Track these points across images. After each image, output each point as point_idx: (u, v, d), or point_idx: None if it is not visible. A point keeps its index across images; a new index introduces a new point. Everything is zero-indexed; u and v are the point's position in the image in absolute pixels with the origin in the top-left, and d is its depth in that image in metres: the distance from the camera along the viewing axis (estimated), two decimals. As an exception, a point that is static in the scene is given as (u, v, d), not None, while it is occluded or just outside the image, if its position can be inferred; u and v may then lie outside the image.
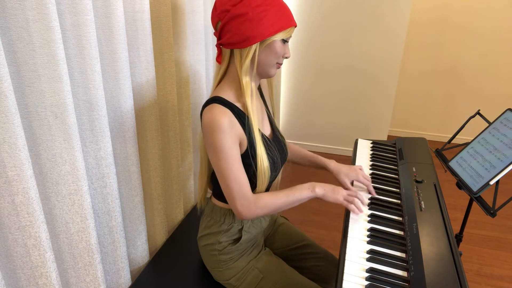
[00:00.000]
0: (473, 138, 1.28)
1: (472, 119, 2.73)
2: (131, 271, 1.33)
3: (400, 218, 1.08)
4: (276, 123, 1.19)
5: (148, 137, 1.25)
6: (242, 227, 1.12)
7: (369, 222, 1.06)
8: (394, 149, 1.48)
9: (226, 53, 1.00)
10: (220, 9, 0.95)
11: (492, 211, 1.09)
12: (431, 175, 1.24)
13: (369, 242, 0.98)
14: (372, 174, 1.30)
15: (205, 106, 0.98)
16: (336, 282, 0.88)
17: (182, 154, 1.55)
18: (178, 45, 1.38)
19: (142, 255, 1.33)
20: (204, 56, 1.55)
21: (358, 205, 1.08)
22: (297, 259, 1.27)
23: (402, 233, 1.02)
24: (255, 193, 1.04)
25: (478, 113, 1.36)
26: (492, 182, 1.10)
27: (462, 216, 2.37)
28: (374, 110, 2.93)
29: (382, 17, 2.64)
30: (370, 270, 0.89)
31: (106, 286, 1.11)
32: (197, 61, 1.53)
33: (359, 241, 0.99)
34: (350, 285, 0.85)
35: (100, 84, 0.96)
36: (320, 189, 1.07)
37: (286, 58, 1.03)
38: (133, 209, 1.23)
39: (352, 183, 1.20)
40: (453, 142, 2.27)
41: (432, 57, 3.08)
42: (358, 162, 1.38)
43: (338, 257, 1.05)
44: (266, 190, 1.08)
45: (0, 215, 0.80)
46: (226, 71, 1.04)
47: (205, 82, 1.63)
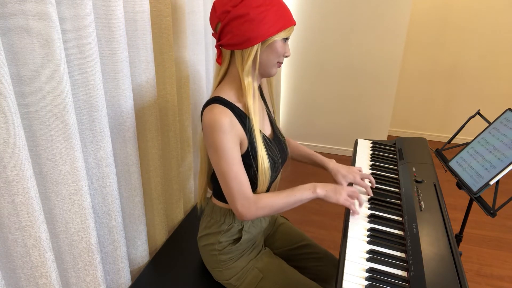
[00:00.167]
0: (473, 138, 1.28)
1: (472, 119, 2.73)
2: (131, 271, 1.33)
3: (400, 218, 1.08)
4: (276, 123, 1.19)
5: (148, 137, 1.25)
6: (242, 227, 1.12)
7: (369, 222, 1.06)
8: (394, 149, 1.48)
9: (227, 54, 1.00)
10: (220, 10, 0.95)
11: (492, 211, 1.09)
12: (431, 175, 1.24)
13: (369, 242, 0.98)
14: (372, 174, 1.30)
15: (205, 106, 0.98)
16: (336, 282, 0.88)
17: (182, 154, 1.55)
18: (178, 45, 1.38)
19: (142, 255, 1.33)
20: (204, 56, 1.55)
21: (354, 208, 1.07)
22: (297, 259, 1.27)
23: (402, 233, 1.02)
24: (256, 193, 1.03)
25: (478, 113, 1.36)
26: (492, 182, 1.10)
27: (462, 216, 2.37)
28: (374, 110, 2.93)
29: (382, 17, 2.64)
30: (370, 270, 0.89)
31: (106, 286, 1.11)
32: (197, 61, 1.53)
33: (359, 241, 0.99)
34: (350, 285, 0.85)
35: (100, 84, 0.95)
36: (321, 190, 1.06)
37: (287, 57, 1.03)
38: (133, 209, 1.23)
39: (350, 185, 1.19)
40: (453, 142, 2.26)
41: (432, 57, 3.08)
42: (358, 162, 1.38)
43: (338, 257, 1.05)
44: (267, 190, 1.08)
45: (0, 215, 0.80)
46: (227, 72, 1.04)
47: (205, 82, 1.63)
